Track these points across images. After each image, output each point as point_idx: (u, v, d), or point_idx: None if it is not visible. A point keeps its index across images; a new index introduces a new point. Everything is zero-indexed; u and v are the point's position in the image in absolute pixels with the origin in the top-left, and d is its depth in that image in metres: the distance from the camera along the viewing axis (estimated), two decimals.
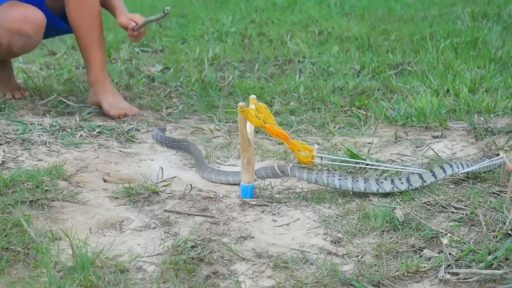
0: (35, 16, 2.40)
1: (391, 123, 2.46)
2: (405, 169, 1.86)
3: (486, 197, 1.70)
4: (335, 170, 1.95)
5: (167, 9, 2.36)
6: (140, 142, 2.24)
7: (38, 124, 2.30)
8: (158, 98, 2.85)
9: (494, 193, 1.74)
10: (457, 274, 1.36)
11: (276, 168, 1.80)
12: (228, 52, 3.73)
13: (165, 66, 3.44)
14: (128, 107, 2.57)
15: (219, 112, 2.61)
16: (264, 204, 1.70)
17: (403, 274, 1.36)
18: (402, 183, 1.74)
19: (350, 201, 1.72)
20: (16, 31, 2.37)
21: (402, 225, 1.55)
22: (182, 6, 5.55)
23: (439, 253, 1.44)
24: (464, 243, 1.46)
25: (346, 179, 1.74)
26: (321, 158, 1.92)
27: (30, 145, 2.06)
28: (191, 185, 1.83)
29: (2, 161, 1.89)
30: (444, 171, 1.78)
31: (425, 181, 1.75)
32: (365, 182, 1.73)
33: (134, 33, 2.54)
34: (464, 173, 1.84)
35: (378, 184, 1.73)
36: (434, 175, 1.76)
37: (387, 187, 1.73)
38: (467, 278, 1.34)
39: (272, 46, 3.88)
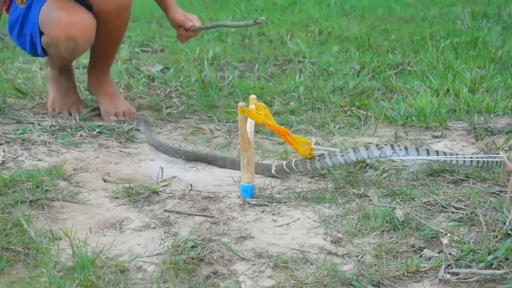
0: (84, 20, 2.27)
1: (391, 123, 2.47)
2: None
3: (486, 197, 1.70)
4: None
5: (261, 19, 2.19)
6: (140, 142, 2.24)
7: (38, 124, 2.30)
8: (158, 98, 2.85)
9: (494, 193, 1.74)
10: (457, 274, 1.36)
11: (285, 166, 1.83)
12: (228, 52, 3.73)
13: (165, 66, 3.44)
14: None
15: (219, 112, 2.61)
16: (264, 204, 1.70)
17: (403, 274, 1.36)
18: (400, 149, 1.80)
19: (350, 201, 1.72)
20: (63, 36, 2.24)
21: (402, 225, 1.55)
22: (182, 6, 5.55)
23: (439, 253, 1.44)
24: (464, 243, 1.46)
25: (348, 152, 1.79)
26: (319, 157, 1.92)
27: (30, 145, 2.06)
28: (191, 185, 1.83)
29: (2, 161, 1.89)
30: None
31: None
32: (367, 150, 1.80)
33: (186, 33, 2.49)
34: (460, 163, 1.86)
35: (380, 150, 1.79)
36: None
37: (388, 151, 1.79)
38: (467, 278, 1.34)
39: (272, 46, 3.88)
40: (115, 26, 2.40)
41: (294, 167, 1.84)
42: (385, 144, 1.79)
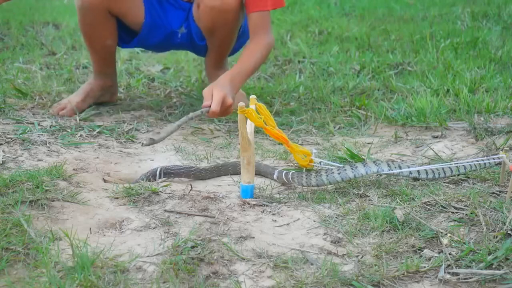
0: None
1: (391, 123, 2.46)
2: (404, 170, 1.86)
3: (486, 197, 1.70)
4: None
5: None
6: (140, 142, 2.24)
7: (38, 124, 2.30)
8: (158, 98, 2.85)
9: (494, 193, 1.74)
10: (457, 274, 1.36)
11: (283, 176, 1.82)
12: None
13: (165, 66, 3.44)
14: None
15: None
16: (264, 204, 1.70)
17: (403, 274, 1.36)
18: (395, 167, 1.80)
19: (350, 201, 1.72)
20: None
21: (402, 225, 1.55)
22: None
23: (439, 253, 1.44)
24: (464, 243, 1.46)
25: (345, 170, 1.75)
26: (320, 162, 1.91)
27: (30, 145, 2.06)
28: (191, 185, 1.83)
29: (2, 161, 1.89)
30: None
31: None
32: (364, 167, 1.77)
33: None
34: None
35: (377, 165, 1.78)
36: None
37: (385, 168, 1.79)
38: (467, 278, 1.34)
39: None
40: (220, 21, 2.44)
41: (291, 179, 1.83)
42: (382, 161, 1.79)
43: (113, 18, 2.49)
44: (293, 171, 1.85)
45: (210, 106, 2.14)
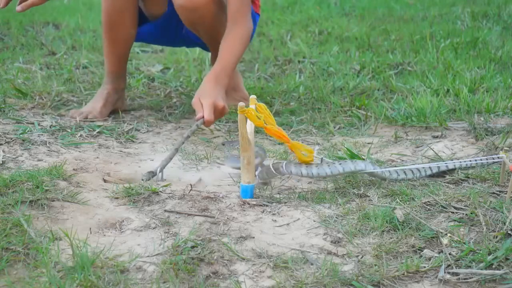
0: None
1: (391, 123, 2.47)
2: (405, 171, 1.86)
3: (486, 197, 1.70)
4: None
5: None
6: (140, 142, 2.24)
7: (38, 124, 2.30)
8: (158, 98, 2.85)
9: (494, 193, 1.74)
10: (457, 274, 1.36)
11: (271, 167, 1.80)
12: None
13: (165, 66, 3.44)
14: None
15: None
16: (264, 204, 1.70)
17: (403, 274, 1.36)
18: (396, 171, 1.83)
19: (350, 201, 1.72)
20: None
21: (402, 225, 1.55)
22: None
23: (439, 253, 1.44)
24: (464, 243, 1.46)
25: (346, 161, 1.77)
26: (321, 159, 1.91)
27: (30, 145, 2.06)
28: (191, 185, 1.83)
29: (2, 161, 1.89)
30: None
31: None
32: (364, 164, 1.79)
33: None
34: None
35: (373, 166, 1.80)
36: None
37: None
38: (467, 278, 1.34)
39: (272, 46, 3.88)
40: (195, 19, 2.37)
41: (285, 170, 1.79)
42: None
43: (137, 7, 2.47)
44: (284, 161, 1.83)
45: (203, 117, 2.07)
